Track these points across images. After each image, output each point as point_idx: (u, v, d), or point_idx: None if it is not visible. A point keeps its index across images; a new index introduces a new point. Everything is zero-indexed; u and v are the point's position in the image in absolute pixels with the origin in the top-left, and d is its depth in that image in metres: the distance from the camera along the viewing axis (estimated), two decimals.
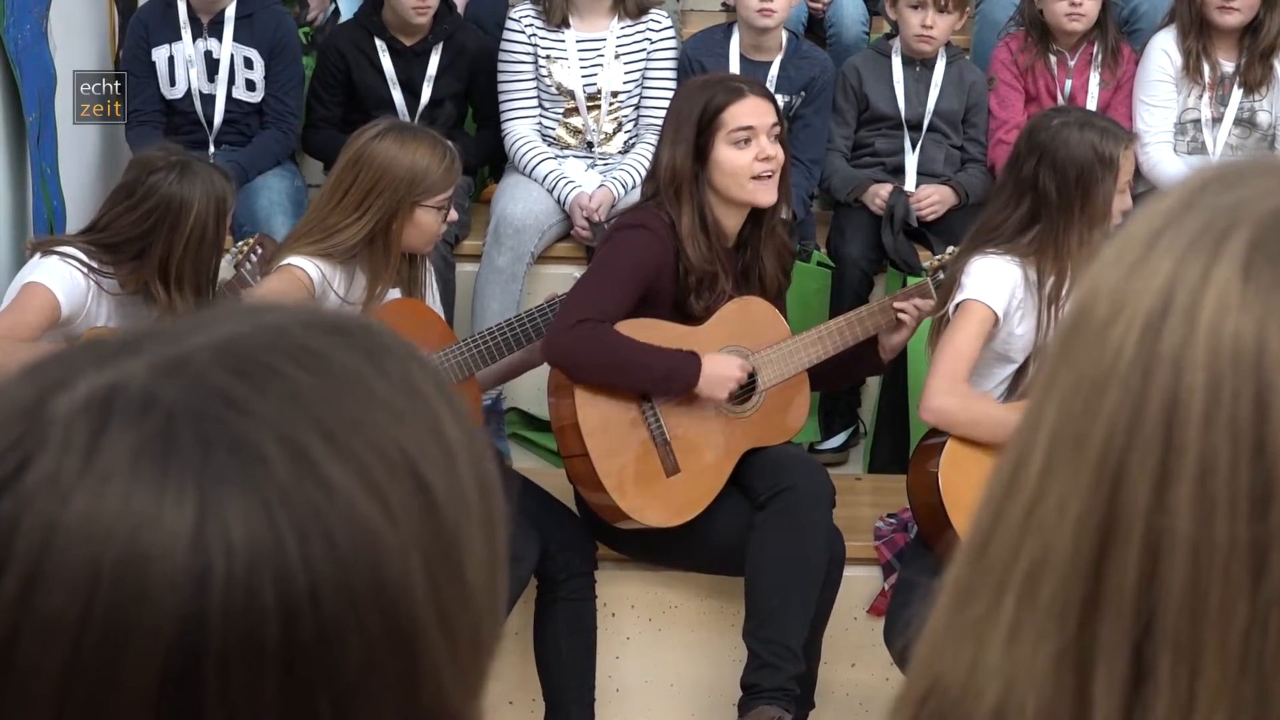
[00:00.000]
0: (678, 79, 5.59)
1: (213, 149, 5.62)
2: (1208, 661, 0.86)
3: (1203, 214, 0.90)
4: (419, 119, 5.56)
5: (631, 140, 5.73)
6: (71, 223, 5.31)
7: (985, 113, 5.71)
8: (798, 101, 5.60)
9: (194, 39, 5.66)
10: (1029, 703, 0.90)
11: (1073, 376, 0.91)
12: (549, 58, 5.65)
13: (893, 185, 5.54)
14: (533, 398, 5.25)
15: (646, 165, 5.00)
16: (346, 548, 0.81)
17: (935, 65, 5.66)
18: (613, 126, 5.70)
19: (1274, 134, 5.68)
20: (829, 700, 4.76)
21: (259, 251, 4.60)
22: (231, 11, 5.65)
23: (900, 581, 4.58)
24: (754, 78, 5.01)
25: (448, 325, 4.82)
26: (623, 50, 5.65)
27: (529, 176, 5.62)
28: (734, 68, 5.55)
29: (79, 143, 5.69)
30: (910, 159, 5.66)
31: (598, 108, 5.67)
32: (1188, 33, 5.60)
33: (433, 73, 5.70)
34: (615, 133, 5.71)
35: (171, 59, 5.67)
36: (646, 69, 5.67)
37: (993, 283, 4.29)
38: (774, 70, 5.59)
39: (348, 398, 0.84)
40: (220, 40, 5.66)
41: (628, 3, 5.63)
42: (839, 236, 5.53)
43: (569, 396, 4.41)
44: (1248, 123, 5.66)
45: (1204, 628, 0.86)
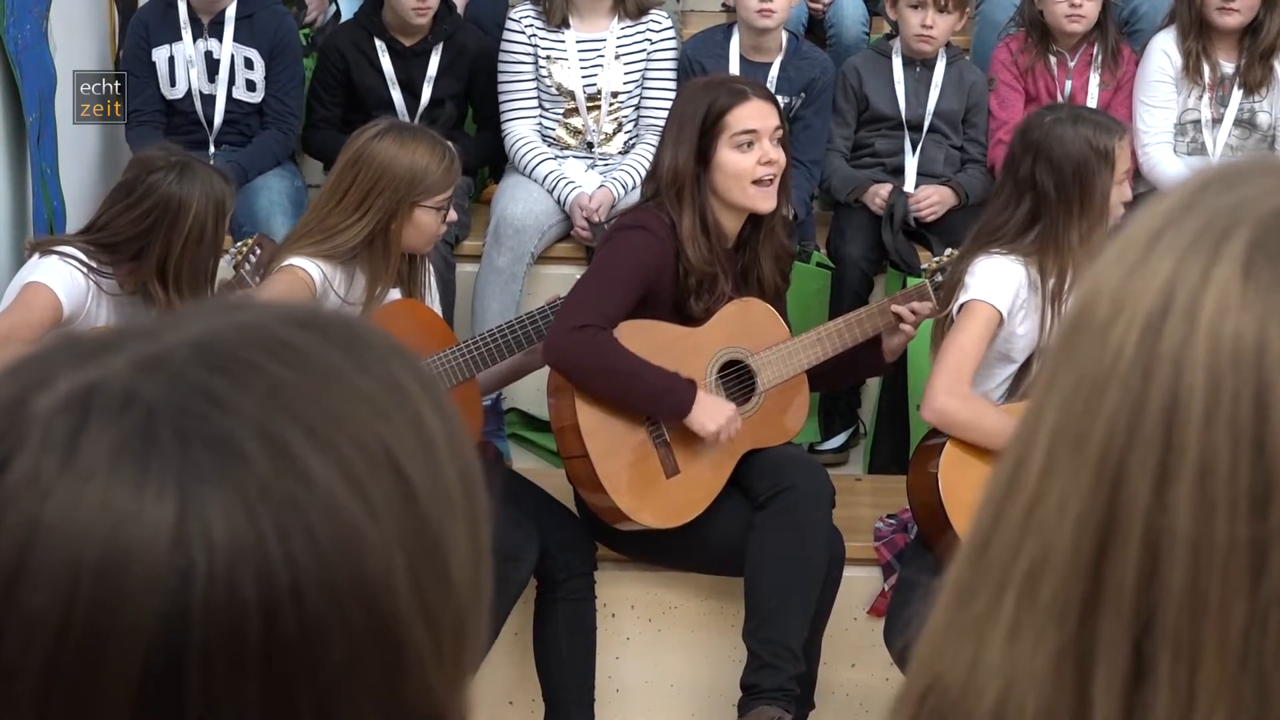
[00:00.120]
0: (678, 80, 5.58)
1: (213, 149, 5.62)
2: (1207, 660, 0.86)
3: (1203, 214, 0.90)
4: (419, 119, 5.55)
5: (631, 141, 5.72)
6: (71, 223, 5.30)
7: (985, 113, 5.71)
8: (798, 102, 5.59)
9: (194, 39, 5.66)
10: (1029, 701, 0.90)
11: (1073, 376, 0.91)
12: (549, 58, 5.65)
13: (892, 185, 5.54)
14: (533, 398, 5.25)
15: (646, 166, 4.99)
16: (328, 543, 0.81)
17: (935, 66, 5.65)
18: (613, 127, 5.70)
19: (1274, 135, 5.68)
20: (829, 700, 4.76)
21: (258, 252, 4.59)
22: (232, 12, 5.65)
23: (900, 582, 4.58)
24: (754, 79, 5.01)
25: (448, 326, 4.81)
26: (623, 51, 5.64)
27: (529, 177, 5.62)
28: (734, 68, 5.54)
29: (79, 143, 5.69)
30: (910, 159, 5.66)
31: (598, 108, 5.67)
32: (1188, 33, 5.59)
33: (433, 73, 5.69)
34: (615, 133, 5.71)
35: (172, 59, 5.67)
36: (646, 69, 5.67)
37: (998, 283, 4.29)
38: (774, 71, 5.59)
39: (327, 393, 0.84)
40: (220, 40, 5.66)
41: (628, 3, 5.63)
42: (839, 237, 5.53)
43: (569, 397, 4.41)
44: (1248, 123, 5.66)
45: (1204, 627, 0.86)
